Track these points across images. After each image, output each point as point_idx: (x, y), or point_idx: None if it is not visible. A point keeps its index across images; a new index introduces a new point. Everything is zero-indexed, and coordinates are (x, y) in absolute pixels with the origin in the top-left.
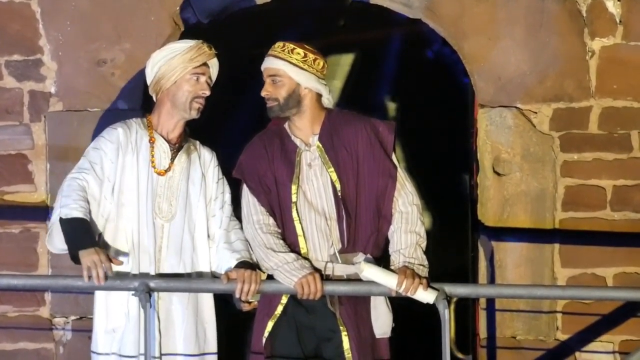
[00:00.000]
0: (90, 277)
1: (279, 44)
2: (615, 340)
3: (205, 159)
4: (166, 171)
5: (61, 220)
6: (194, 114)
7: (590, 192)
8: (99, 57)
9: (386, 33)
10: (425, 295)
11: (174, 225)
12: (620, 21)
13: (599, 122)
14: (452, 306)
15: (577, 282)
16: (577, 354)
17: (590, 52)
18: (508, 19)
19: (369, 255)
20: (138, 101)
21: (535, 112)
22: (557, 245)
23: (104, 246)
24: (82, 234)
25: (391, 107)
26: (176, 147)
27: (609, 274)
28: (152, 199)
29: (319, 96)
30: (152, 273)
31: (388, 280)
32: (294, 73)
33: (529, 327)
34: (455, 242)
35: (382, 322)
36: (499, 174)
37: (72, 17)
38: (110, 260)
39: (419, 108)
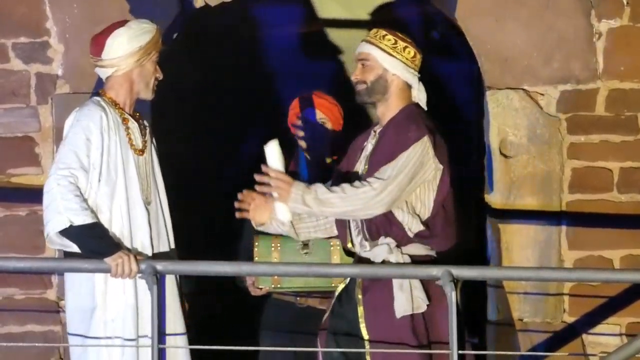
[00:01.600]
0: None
1: (374, 30)
2: (622, 323)
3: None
4: (142, 151)
5: (74, 226)
6: (151, 95)
7: (597, 174)
8: None
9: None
10: (282, 212)
11: (153, 206)
12: (627, 3)
13: (605, 104)
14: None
15: (584, 265)
16: (583, 336)
17: (597, 33)
18: (514, 0)
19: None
20: None
21: (542, 94)
22: (564, 228)
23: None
24: (105, 239)
25: None
26: (142, 126)
27: (615, 256)
28: (139, 181)
29: (407, 86)
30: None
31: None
32: (381, 58)
33: (536, 310)
34: (462, 225)
35: (400, 302)
36: (505, 156)
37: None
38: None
39: (425, 89)
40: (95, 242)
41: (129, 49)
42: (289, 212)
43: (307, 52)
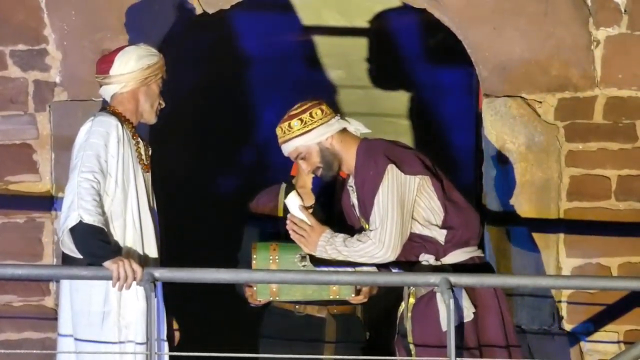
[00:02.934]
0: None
1: (277, 130)
2: (620, 330)
3: None
4: (148, 168)
5: (82, 224)
6: (154, 119)
7: (595, 182)
8: (104, 47)
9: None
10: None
11: (154, 221)
12: (625, 11)
13: (603, 111)
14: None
15: (582, 272)
16: (581, 343)
17: (595, 41)
18: (513, 8)
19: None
20: None
21: (540, 102)
22: (561, 235)
23: (116, 246)
24: (108, 245)
25: (397, 95)
26: (145, 145)
27: (613, 263)
28: (146, 195)
29: (343, 133)
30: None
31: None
32: (304, 142)
33: (533, 317)
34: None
35: (444, 315)
36: (503, 164)
37: (76, 7)
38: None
39: (424, 97)
40: (97, 245)
41: (137, 66)
42: (298, 201)
43: (305, 60)
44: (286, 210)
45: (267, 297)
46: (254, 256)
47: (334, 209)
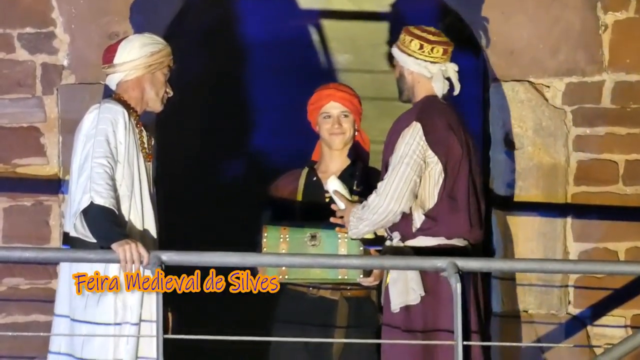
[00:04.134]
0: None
1: (405, 34)
2: (627, 315)
3: None
4: (150, 158)
5: (93, 205)
6: (160, 107)
7: (603, 166)
8: (111, 30)
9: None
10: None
11: (154, 208)
12: None
13: (611, 96)
14: None
15: (589, 257)
16: (588, 328)
17: (603, 26)
18: None
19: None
20: None
21: (548, 86)
22: (569, 220)
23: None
24: (118, 227)
25: None
26: (149, 135)
27: (621, 248)
28: (147, 183)
29: (425, 79)
30: None
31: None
32: (397, 56)
33: (541, 301)
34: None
35: (394, 295)
36: (511, 148)
37: None
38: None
39: None
40: (107, 226)
41: (140, 54)
42: (337, 183)
43: (313, 44)
44: (306, 194)
45: (276, 275)
46: (265, 234)
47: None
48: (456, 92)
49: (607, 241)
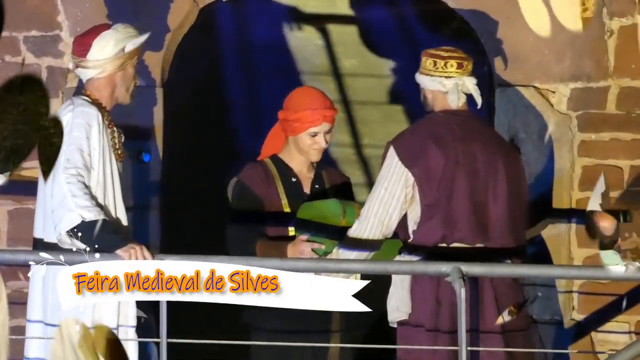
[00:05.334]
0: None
1: (427, 61)
2: (631, 321)
3: None
4: (122, 157)
5: (85, 222)
6: (129, 100)
7: (608, 172)
8: None
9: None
10: None
11: (126, 208)
12: (639, 0)
13: (617, 102)
14: None
15: (594, 262)
16: (592, 333)
17: (608, 31)
18: None
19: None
20: (155, 78)
21: (553, 92)
22: (573, 225)
23: (124, 232)
24: (116, 234)
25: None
26: (119, 132)
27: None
28: (119, 184)
29: (442, 95)
30: None
31: None
32: (418, 79)
33: (545, 307)
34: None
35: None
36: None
37: None
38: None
39: None
40: (107, 237)
41: (115, 52)
42: None
43: (318, 48)
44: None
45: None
46: (343, 210)
47: None
48: (478, 105)
49: None
